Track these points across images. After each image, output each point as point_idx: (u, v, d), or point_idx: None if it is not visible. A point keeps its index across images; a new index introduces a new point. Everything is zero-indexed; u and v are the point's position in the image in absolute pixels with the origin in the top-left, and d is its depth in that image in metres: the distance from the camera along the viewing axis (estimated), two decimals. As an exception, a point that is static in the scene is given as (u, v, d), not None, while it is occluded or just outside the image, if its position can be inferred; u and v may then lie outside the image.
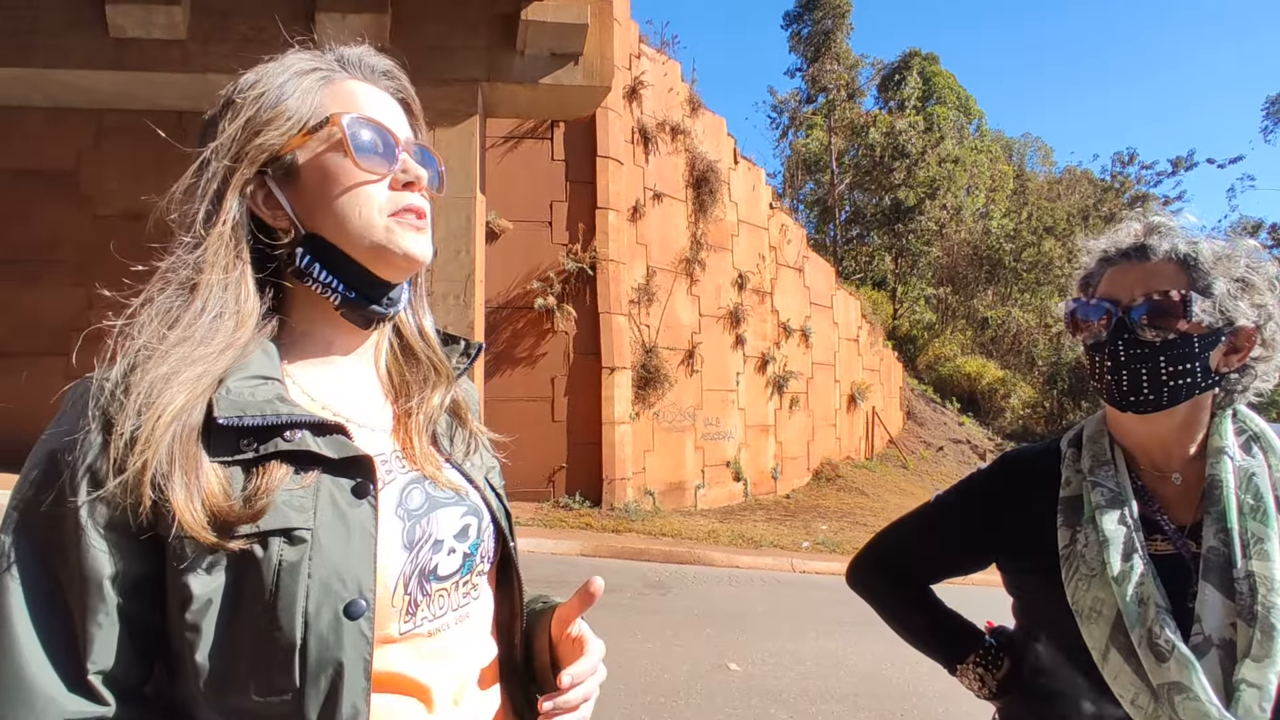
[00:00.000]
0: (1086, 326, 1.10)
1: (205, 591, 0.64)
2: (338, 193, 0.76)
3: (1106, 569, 1.01)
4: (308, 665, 0.64)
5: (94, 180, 9.48)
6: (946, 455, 19.47)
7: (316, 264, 0.76)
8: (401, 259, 0.78)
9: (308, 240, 0.77)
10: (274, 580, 0.64)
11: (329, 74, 0.80)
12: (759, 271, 13.69)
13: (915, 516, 1.35)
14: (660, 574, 7.30)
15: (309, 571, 0.65)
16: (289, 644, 0.64)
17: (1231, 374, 1.06)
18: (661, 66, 11.92)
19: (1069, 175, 32.94)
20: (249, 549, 0.64)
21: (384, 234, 0.77)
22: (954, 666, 1.25)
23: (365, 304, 0.79)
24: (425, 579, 0.74)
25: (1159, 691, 0.95)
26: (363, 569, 0.68)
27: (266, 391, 0.70)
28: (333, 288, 0.77)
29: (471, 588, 0.81)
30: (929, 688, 4.47)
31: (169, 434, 0.64)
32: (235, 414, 0.67)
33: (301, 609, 0.64)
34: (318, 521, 0.67)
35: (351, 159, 0.76)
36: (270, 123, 0.75)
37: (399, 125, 0.82)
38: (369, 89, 0.82)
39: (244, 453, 0.67)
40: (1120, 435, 1.13)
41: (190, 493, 0.63)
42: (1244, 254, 1.05)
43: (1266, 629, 0.92)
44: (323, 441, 0.70)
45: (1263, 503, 1.00)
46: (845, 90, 29.09)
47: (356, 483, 0.71)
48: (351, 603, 0.66)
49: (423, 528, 0.75)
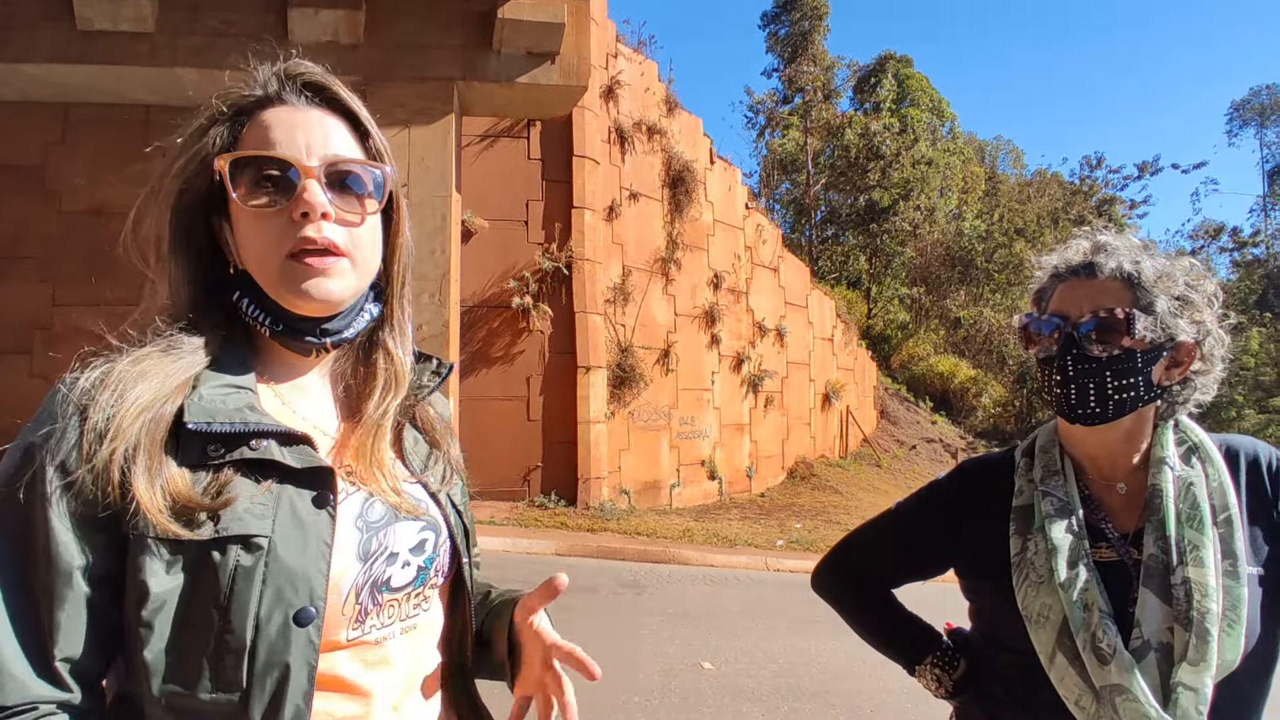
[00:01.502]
0: (1038, 340, 1.15)
1: (162, 591, 0.66)
2: (241, 234, 0.78)
3: (1054, 576, 1.06)
4: (255, 667, 0.67)
5: (60, 175, 9.29)
6: (920, 454, 19.71)
7: (245, 299, 0.79)
8: (299, 299, 0.77)
9: (240, 276, 0.79)
10: (229, 584, 0.66)
11: (242, 107, 0.80)
12: (735, 271, 13.76)
13: (877, 523, 1.39)
14: (635, 573, 7.32)
15: (263, 577, 0.67)
16: (239, 646, 0.66)
17: (1173, 387, 1.11)
18: (638, 66, 11.93)
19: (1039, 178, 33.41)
20: (207, 552, 0.67)
21: (279, 275, 0.76)
22: (912, 667, 1.29)
23: (293, 336, 0.80)
24: (378, 590, 0.77)
25: (1101, 693, 0.99)
26: (315, 578, 0.70)
27: (238, 400, 0.73)
28: (260, 321, 0.79)
29: (422, 599, 0.83)
30: (899, 685, 4.54)
31: (137, 424, 0.67)
32: (205, 420, 0.70)
33: (253, 613, 0.67)
34: (275, 529, 0.69)
35: (234, 201, 0.76)
36: (188, 165, 0.78)
37: (320, 147, 0.79)
38: (287, 114, 0.79)
39: (211, 458, 0.70)
40: (1070, 445, 1.18)
41: (153, 479, 0.66)
42: (1182, 273, 1.10)
43: (1201, 634, 0.97)
44: (288, 451, 0.73)
45: (1199, 511, 1.04)
46: (821, 91, 29.26)
47: (317, 493, 0.73)
48: (302, 610, 0.69)
49: (379, 540, 0.78)
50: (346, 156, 0.80)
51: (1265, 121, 43.02)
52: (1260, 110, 43.18)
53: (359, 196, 0.80)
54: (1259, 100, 43.30)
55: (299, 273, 0.76)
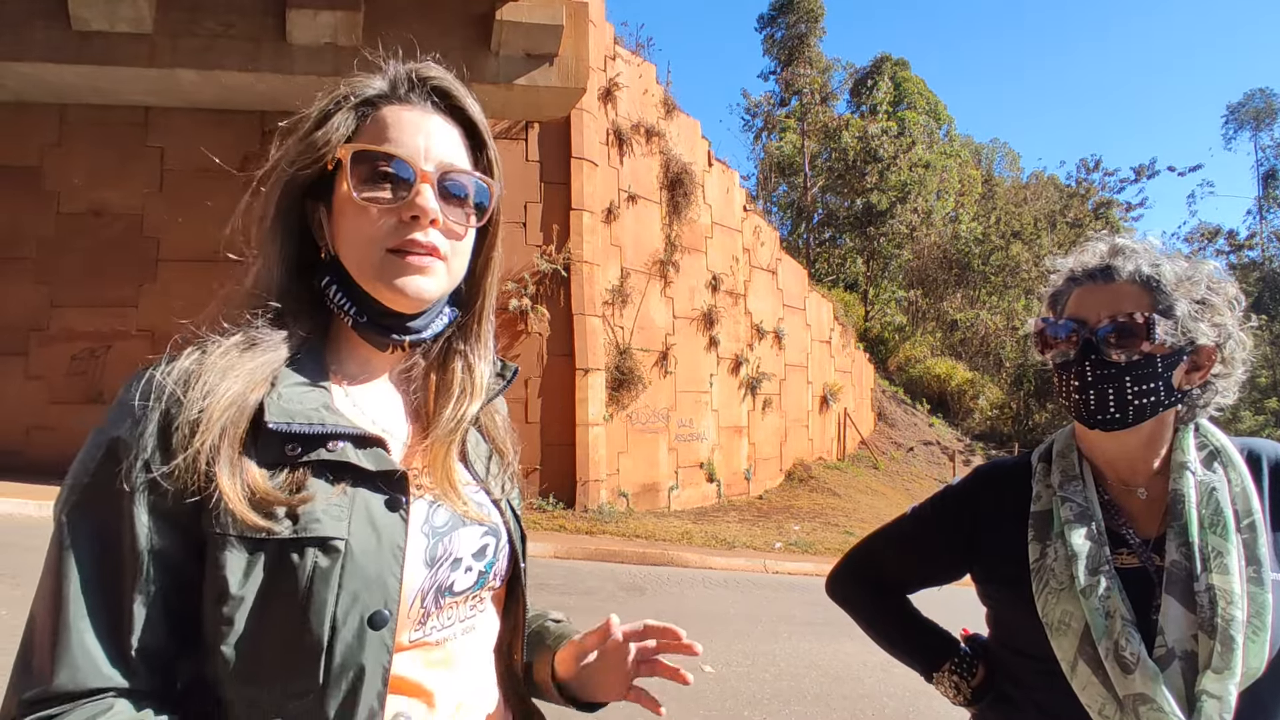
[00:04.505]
0: (1055, 344, 1.13)
1: (240, 590, 0.67)
2: (345, 223, 0.79)
3: (1074, 583, 1.04)
4: (331, 667, 0.68)
5: (57, 176, 9.24)
6: (917, 456, 19.73)
7: (334, 286, 0.80)
8: (395, 297, 0.78)
9: (332, 263, 0.80)
10: (306, 585, 0.67)
11: (373, 100, 0.81)
12: (733, 273, 13.76)
13: (892, 529, 1.37)
14: (635, 576, 7.30)
15: (340, 580, 0.68)
16: (316, 646, 0.67)
17: (1194, 391, 1.10)
18: (636, 68, 11.93)
19: (1036, 181, 33.54)
20: (286, 553, 0.68)
21: (377, 268, 0.77)
22: (930, 674, 1.28)
23: (377, 330, 0.81)
24: (440, 594, 0.78)
25: (1125, 702, 0.98)
26: (390, 581, 0.71)
27: (314, 399, 0.74)
28: (345, 310, 0.80)
29: (479, 601, 0.84)
30: (900, 689, 4.54)
31: (222, 420, 0.68)
32: (284, 420, 0.71)
33: (330, 615, 0.68)
34: (351, 531, 0.70)
35: (350, 192, 0.77)
36: (306, 153, 0.78)
37: (436, 151, 0.80)
38: (410, 115, 0.81)
39: (288, 456, 0.71)
40: (1088, 451, 1.17)
41: (235, 473, 0.67)
42: (1204, 276, 1.09)
43: (1226, 641, 0.96)
44: (363, 454, 0.74)
45: (1222, 517, 1.03)
46: (818, 94, 29.32)
47: (389, 497, 0.74)
48: (376, 613, 0.70)
49: (445, 546, 0.79)
50: (460, 166, 0.82)
51: (1259, 125, 43.20)
52: (1255, 114, 43.36)
53: (466, 207, 0.82)
54: (1253, 104, 43.49)
55: (398, 267, 0.77)
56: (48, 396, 8.92)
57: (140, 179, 9.33)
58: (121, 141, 9.31)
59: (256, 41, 8.20)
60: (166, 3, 8.05)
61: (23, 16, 7.93)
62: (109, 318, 9.14)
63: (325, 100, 0.80)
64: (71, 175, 9.24)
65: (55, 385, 8.96)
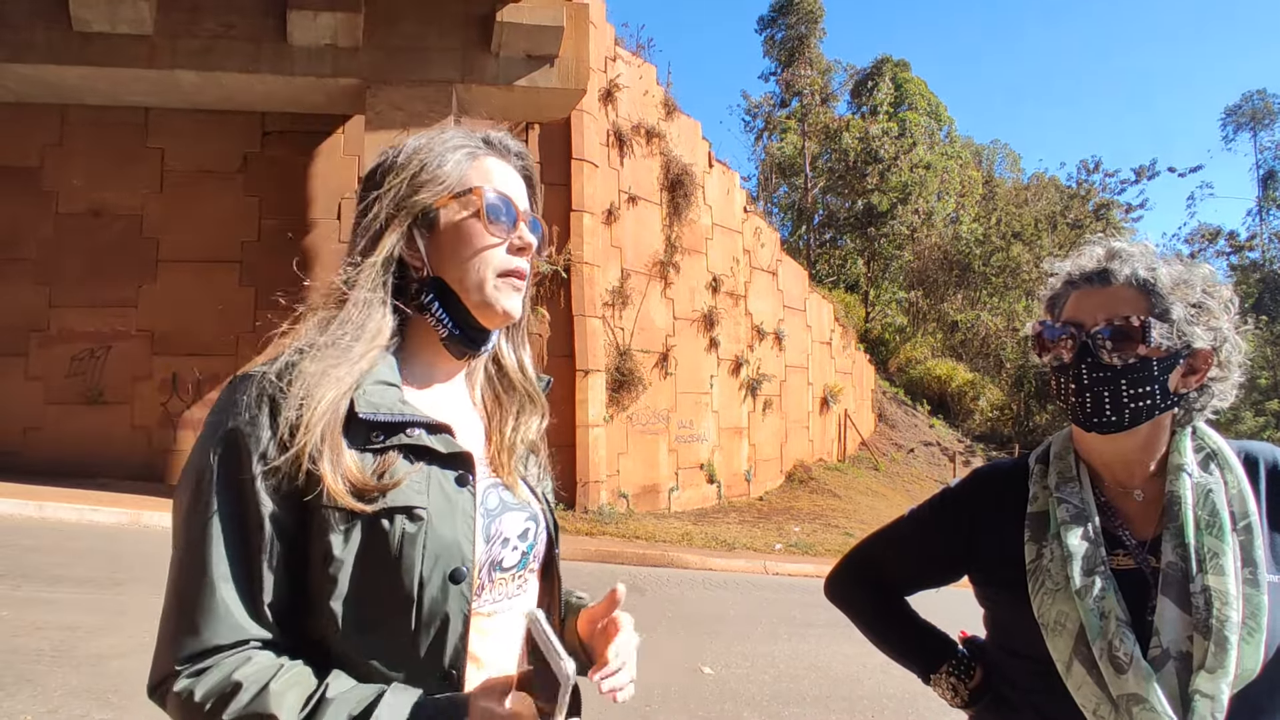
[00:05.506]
0: (1052, 348, 1.14)
1: (341, 553, 0.80)
2: (466, 250, 0.93)
3: (1070, 583, 1.05)
4: (421, 616, 0.82)
5: (57, 176, 9.25)
6: (917, 457, 19.74)
7: (437, 302, 0.93)
8: (499, 315, 0.95)
9: (434, 282, 0.94)
10: (398, 548, 0.81)
11: (474, 150, 0.97)
12: (733, 275, 13.77)
13: (890, 530, 1.38)
14: (635, 577, 7.31)
15: (424, 543, 0.82)
16: (407, 598, 0.81)
17: (1190, 394, 1.10)
18: (637, 69, 11.94)
19: (1036, 182, 33.49)
20: (378, 520, 0.81)
21: (491, 291, 0.94)
22: (928, 676, 1.28)
23: (465, 342, 0.95)
24: (493, 568, 0.91)
25: (1119, 702, 0.98)
26: (464, 544, 0.85)
27: (392, 396, 0.87)
28: (444, 323, 0.94)
29: (523, 580, 0.96)
30: (899, 690, 4.54)
31: (323, 421, 0.80)
32: (371, 411, 0.84)
33: (418, 572, 0.81)
34: (430, 502, 0.84)
35: (484, 224, 0.93)
36: (427, 184, 0.93)
37: (521, 198, 0.98)
38: (502, 165, 0.99)
39: (374, 442, 0.84)
40: (1085, 452, 1.17)
41: (335, 467, 0.80)
42: (1200, 279, 1.09)
43: (1220, 642, 0.96)
44: (434, 439, 0.87)
45: (1218, 519, 1.03)
46: (819, 95, 29.36)
47: (459, 473, 0.88)
48: (456, 569, 0.84)
49: (496, 526, 0.92)
50: (530, 209, 1.01)
51: (1258, 127, 43.23)
52: (1253, 115, 43.39)
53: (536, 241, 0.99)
54: (1250, 106, 43.52)
55: (505, 291, 0.94)
56: (47, 397, 8.94)
57: (140, 180, 9.35)
58: (121, 142, 9.32)
59: (256, 43, 8.21)
60: (167, 4, 8.06)
61: (24, 18, 7.94)
62: (109, 318, 9.15)
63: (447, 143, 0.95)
64: (71, 176, 9.25)
65: (55, 386, 8.98)
